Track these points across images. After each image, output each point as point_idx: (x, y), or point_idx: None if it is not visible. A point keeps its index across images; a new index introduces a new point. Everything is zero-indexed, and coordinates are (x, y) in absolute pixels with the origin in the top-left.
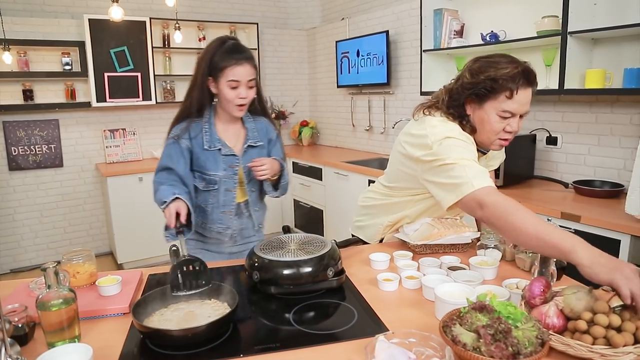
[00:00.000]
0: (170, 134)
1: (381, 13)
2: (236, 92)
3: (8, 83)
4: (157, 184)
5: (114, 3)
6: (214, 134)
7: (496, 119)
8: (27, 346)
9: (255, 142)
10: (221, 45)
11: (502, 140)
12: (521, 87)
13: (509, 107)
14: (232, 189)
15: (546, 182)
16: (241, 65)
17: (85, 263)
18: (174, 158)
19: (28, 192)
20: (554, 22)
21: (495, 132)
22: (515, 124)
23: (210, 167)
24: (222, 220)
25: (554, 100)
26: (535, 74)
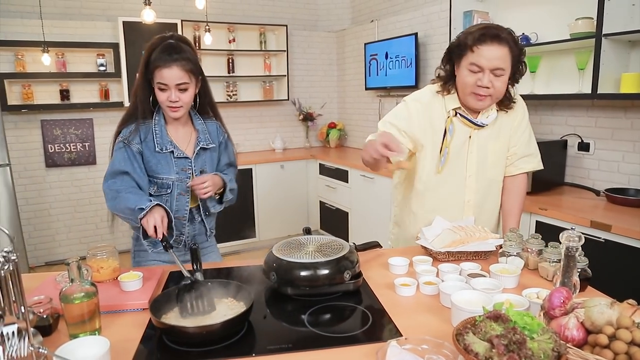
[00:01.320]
0: (119, 137)
1: (411, 15)
2: (166, 95)
3: (46, 83)
4: (114, 192)
5: (147, 6)
6: (164, 136)
7: (466, 73)
8: (51, 337)
9: (207, 144)
10: (159, 44)
11: (476, 94)
12: (483, 43)
13: (474, 60)
14: (185, 193)
15: (577, 190)
16: (169, 68)
17: (109, 258)
18: (127, 162)
19: (63, 188)
20: (588, 24)
21: (468, 86)
22: (486, 80)
23: (162, 170)
24: (175, 227)
25: (587, 105)
26: (498, 32)
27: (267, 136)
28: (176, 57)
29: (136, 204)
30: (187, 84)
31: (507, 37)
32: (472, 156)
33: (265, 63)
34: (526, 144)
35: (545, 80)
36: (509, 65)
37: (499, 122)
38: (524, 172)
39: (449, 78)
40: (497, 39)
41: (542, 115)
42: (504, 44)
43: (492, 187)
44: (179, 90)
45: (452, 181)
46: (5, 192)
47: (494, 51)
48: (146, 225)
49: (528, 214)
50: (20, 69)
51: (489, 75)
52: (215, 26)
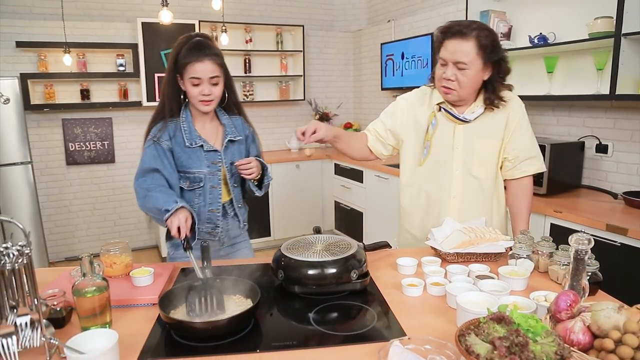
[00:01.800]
0: (149, 135)
1: (427, 15)
2: (199, 89)
3: (68, 83)
4: (144, 190)
5: (164, 7)
6: (193, 131)
7: (438, 66)
8: (64, 329)
9: (234, 136)
10: (187, 42)
11: (443, 88)
12: (446, 37)
13: (441, 54)
14: (217, 185)
15: (594, 192)
16: (201, 62)
17: (121, 254)
18: (157, 159)
19: (82, 185)
20: (607, 24)
21: (437, 78)
22: (450, 72)
23: (193, 164)
24: (210, 220)
25: (605, 107)
26: (460, 27)
27: (283, 136)
28: (207, 52)
29: (163, 205)
30: (218, 78)
31: (473, 33)
32: (457, 152)
33: (281, 63)
34: (528, 146)
35: (562, 80)
36: (474, 59)
37: (489, 120)
38: (528, 175)
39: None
40: (460, 34)
41: (559, 116)
42: (468, 38)
43: (480, 186)
44: (211, 84)
45: (439, 176)
46: (27, 189)
47: (456, 45)
48: (170, 225)
49: (542, 216)
50: (43, 70)
51: (452, 69)
52: (233, 27)
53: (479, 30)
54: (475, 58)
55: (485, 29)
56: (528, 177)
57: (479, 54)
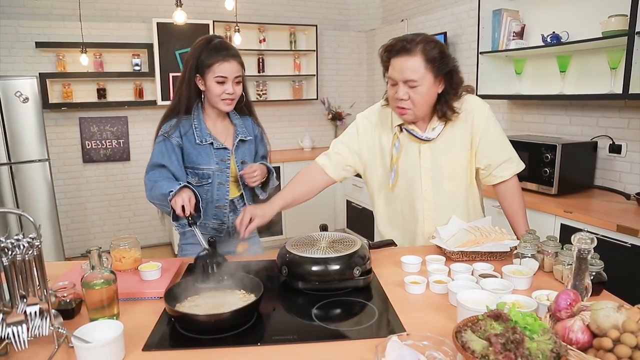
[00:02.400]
0: (160, 131)
1: (440, 14)
2: (223, 88)
3: (85, 82)
4: (151, 182)
5: (178, 7)
6: (204, 129)
7: (389, 87)
8: (74, 320)
9: (245, 136)
10: (208, 43)
11: (397, 108)
12: (391, 57)
13: (389, 74)
14: (225, 182)
15: (607, 193)
16: (228, 62)
17: (131, 249)
18: (165, 155)
19: (98, 183)
20: (621, 22)
21: (391, 99)
22: (402, 92)
23: (202, 161)
24: (217, 216)
25: (619, 106)
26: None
27: (295, 135)
28: (233, 53)
29: (167, 189)
30: (240, 77)
31: (418, 47)
32: (425, 170)
33: (295, 63)
34: (499, 151)
35: (575, 80)
36: (424, 75)
37: (454, 133)
38: (504, 180)
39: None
40: (404, 51)
41: (572, 116)
42: (414, 54)
43: (454, 201)
44: (235, 83)
45: (408, 196)
46: (44, 186)
47: (403, 62)
48: (174, 204)
49: (552, 217)
50: (61, 69)
51: (403, 87)
52: (246, 26)
53: (424, 43)
54: (425, 73)
55: (431, 42)
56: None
57: (427, 69)
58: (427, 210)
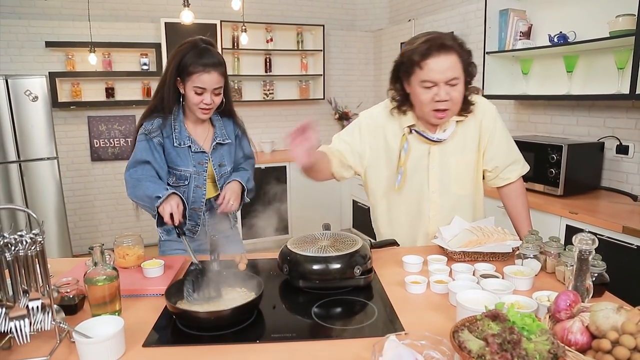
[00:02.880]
0: (142, 129)
1: (448, 14)
2: (201, 98)
3: (93, 81)
4: (135, 180)
5: (186, 7)
6: (183, 132)
7: (421, 91)
8: (77, 315)
9: (223, 139)
10: (192, 48)
11: (436, 111)
12: (429, 56)
13: (425, 77)
14: (202, 185)
15: (614, 194)
16: (208, 73)
17: (134, 246)
18: (149, 152)
19: (106, 181)
20: (629, 21)
21: (425, 103)
22: (443, 93)
23: (180, 163)
24: (191, 217)
25: (627, 107)
26: (442, 41)
27: None
28: (214, 62)
29: (154, 192)
30: (220, 88)
31: (453, 44)
32: (434, 171)
33: (302, 62)
34: (506, 153)
35: (582, 80)
36: (461, 71)
37: (463, 133)
38: (510, 182)
39: (403, 99)
40: (444, 49)
41: (578, 117)
42: (451, 51)
43: (460, 203)
44: (214, 94)
45: (415, 197)
46: (53, 184)
47: (444, 62)
48: (162, 212)
49: (558, 217)
50: (70, 68)
51: (445, 87)
52: (254, 26)
53: (455, 39)
54: (461, 71)
55: (456, 37)
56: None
57: (463, 64)
58: (433, 211)
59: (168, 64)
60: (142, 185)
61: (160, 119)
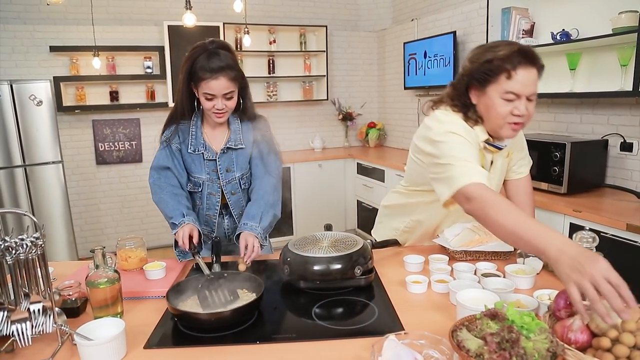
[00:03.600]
0: (162, 136)
1: (450, 13)
2: (212, 104)
3: (97, 85)
4: (157, 187)
5: (188, 10)
6: (199, 138)
7: (500, 103)
8: (79, 318)
9: (235, 144)
10: (202, 52)
11: (513, 124)
12: (519, 67)
13: (511, 88)
14: (216, 193)
15: (618, 192)
16: (216, 79)
17: (136, 249)
18: (169, 158)
19: (111, 184)
20: (632, 18)
21: (502, 117)
22: (523, 107)
23: (195, 169)
24: (207, 223)
25: (630, 104)
26: (533, 52)
27: (306, 136)
28: (222, 67)
29: (171, 215)
30: (232, 92)
31: (539, 58)
32: (493, 177)
33: (305, 63)
34: (520, 146)
35: (586, 77)
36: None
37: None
38: (524, 175)
39: (470, 109)
40: (532, 61)
41: (582, 114)
42: (536, 65)
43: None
44: (225, 99)
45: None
46: (58, 187)
47: (530, 75)
48: (177, 237)
49: (561, 216)
50: (75, 72)
51: (524, 102)
52: (257, 28)
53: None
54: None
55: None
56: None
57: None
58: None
59: (181, 70)
60: (163, 199)
61: (178, 125)
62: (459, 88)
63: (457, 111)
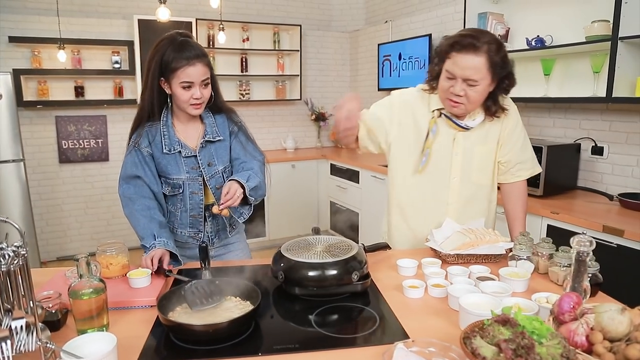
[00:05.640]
0: (131, 140)
1: (425, 16)
2: (190, 93)
3: (62, 80)
4: (128, 199)
5: (162, 4)
6: (172, 136)
7: (444, 78)
8: (59, 332)
9: (212, 136)
10: (170, 43)
11: (450, 101)
12: (457, 51)
13: (448, 67)
14: (198, 191)
15: (590, 194)
16: (193, 65)
17: (118, 255)
18: (139, 166)
19: (75, 184)
20: (604, 27)
21: (443, 91)
22: (459, 88)
23: (172, 171)
24: (193, 224)
25: (601, 109)
26: (473, 42)
27: (278, 135)
28: (197, 53)
29: (142, 236)
30: (209, 79)
31: (485, 47)
32: (457, 158)
33: (278, 63)
34: (521, 150)
35: (559, 83)
36: (485, 75)
37: (487, 126)
38: (522, 179)
39: (436, 76)
40: (472, 48)
41: (555, 118)
42: (480, 53)
43: (478, 192)
44: (202, 87)
45: (435, 181)
46: (18, 187)
47: (468, 61)
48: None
49: (539, 218)
50: (36, 65)
51: (461, 84)
52: (230, 25)
53: (489, 44)
54: (486, 74)
55: (495, 42)
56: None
57: (489, 70)
58: (452, 198)
59: (148, 66)
60: (134, 215)
61: (147, 127)
62: (433, 60)
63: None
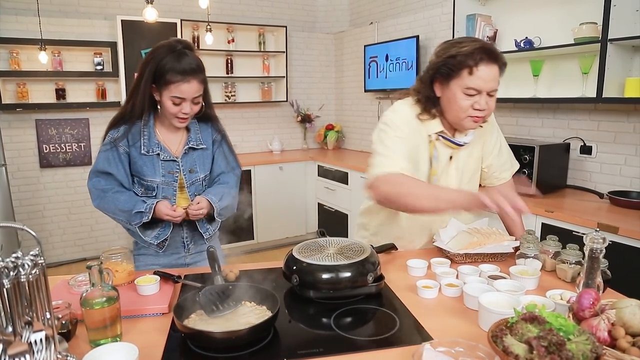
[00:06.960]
0: (108, 137)
1: (411, 18)
2: (179, 108)
3: (42, 82)
4: (99, 191)
5: (148, 4)
6: (152, 138)
7: (462, 97)
8: (70, 343)
9: (196, 144)
10: (169, 52)
11: (472, 117)
12: (481, 63)
13: (472, 84)
14: (172, 196)
15: (580, 192)
16: (187, 82)
17: (123, 262)
18: (112, 163)
19: (57, 189)
20: (592, 29)
21: (463, 110)
22: (484, 102)
23: (147, 172)
24: (164, 229)
25: (589, 109)
26: (495, 50)
27: (264, 137)
28: (193, 69)
29: (130, 207)
30: (201, 96)
31: (500, 55)
32: (453, 174)
33: (264, 64)
34: (499, 154)
35: (548, 83)
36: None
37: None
38: (506, 181)
39: (433, 102)
40: (494, 58)
41: (544, 119)
42: (498, 62)
43: None
44: (193, 103)
45: None
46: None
47: (492, 71)
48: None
49: (534, 216)
50: (15, 67)
51: (485, 97)
52: (215, 26)
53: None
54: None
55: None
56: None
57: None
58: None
59: (142, 70)
60: (109, 197)
61: (127, 126)
62: (425, 81)
63: (419, 104)
